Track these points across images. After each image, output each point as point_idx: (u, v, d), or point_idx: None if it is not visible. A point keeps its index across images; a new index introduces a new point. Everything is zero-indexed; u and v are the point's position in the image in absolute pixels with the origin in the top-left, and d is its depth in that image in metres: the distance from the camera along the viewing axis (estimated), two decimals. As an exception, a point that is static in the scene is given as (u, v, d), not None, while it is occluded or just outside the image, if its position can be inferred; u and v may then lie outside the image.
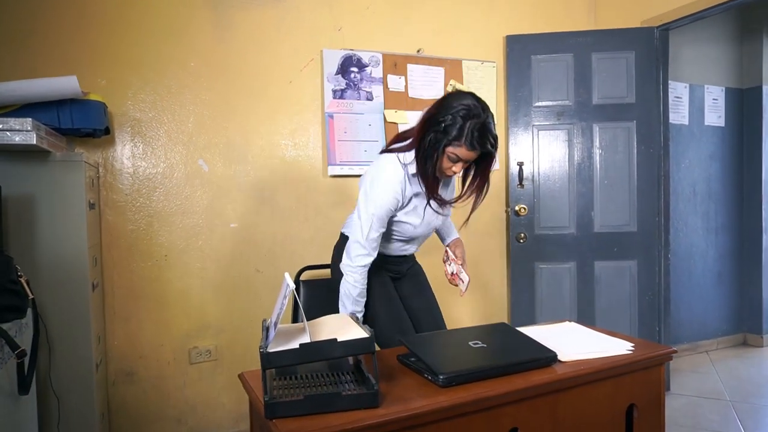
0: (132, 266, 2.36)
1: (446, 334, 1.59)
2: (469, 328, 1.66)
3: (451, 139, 1.54)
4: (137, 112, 2.36)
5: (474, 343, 1.46)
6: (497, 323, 1.72)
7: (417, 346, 1.45)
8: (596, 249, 2.98)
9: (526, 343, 1.49)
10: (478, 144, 1.54)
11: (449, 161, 1.60)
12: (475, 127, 1.53)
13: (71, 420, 1.88)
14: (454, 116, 1.53)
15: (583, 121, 2.96)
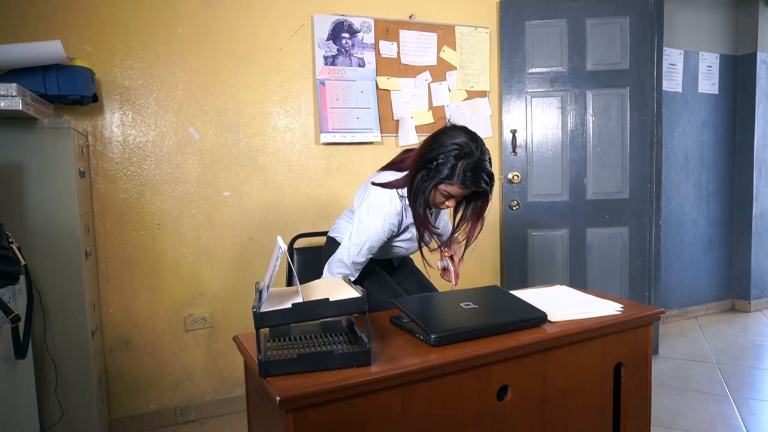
0: (125, 235, 2.36)
1: (438, 296, 1.61)
2: (460, 291, 1.67)
3: (442, 178, 1.54)
4: (125, 80, 2.33)
5: (465, 305, 1.48)
6: (489, 286, 1.74)
7: (409, 307, 1.47)
8: (588, 216, 3.00)
9: (516, 304, 1.52)
10: (471, 183, 1.54)
11: (441, 197, 1.61)
12: (467, 167, 1.52)
13: (69, 385, 1.90)
14: (446, 156, 1.53)
15: (576, 88, 2.94)
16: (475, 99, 2.96)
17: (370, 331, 1.28)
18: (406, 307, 1.47)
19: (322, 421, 1.12)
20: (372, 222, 1.64)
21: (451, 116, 2.92)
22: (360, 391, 1.16)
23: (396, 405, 1.21)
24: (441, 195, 1.60)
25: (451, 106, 2.92)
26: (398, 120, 2.81)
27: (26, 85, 1.80)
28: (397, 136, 2.82)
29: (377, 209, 1.63)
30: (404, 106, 2.82)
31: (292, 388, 1.11)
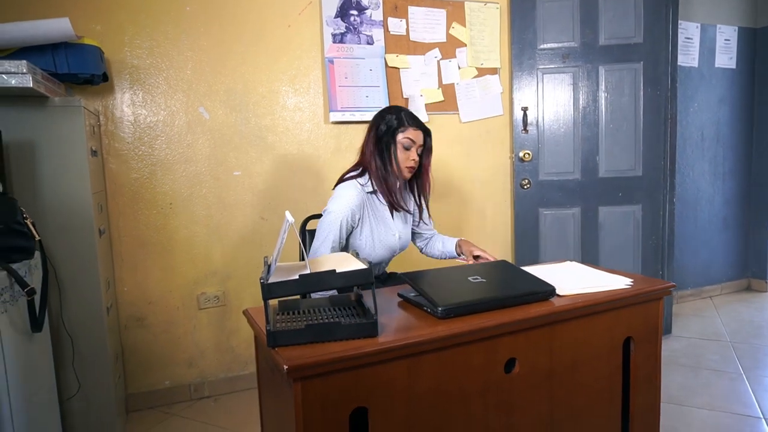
0: (137, 214, 2.39)
1: (446, 271, 1.61)
2: (469, 266, 1.67)
3: (396, 128, 1.79)
4: (135, 59, 2.34)
5: (473, 279, 1.47)
6: (497, 261, 1.74)
7: (417, 280, 1.47)
8: (601, 194, 2.96)
9: (525, 278, 1.51)
10: (415, 122, 1.82)
11: (404, 150, 1.80)
12: (405, 113, 1.83)
13: (85, 359, 1.94)
14: (388, 116, 1.82)
15: (588, 63, 2.89)
16: (485, 76, 2.93)
17: (376, 303, 1.29)
18: (414, 280, 1.48)
19: (329, 390, 1.13)
20: (335, 204, 1.78)
21: (461, 94, 2.89)
22: (367, 362, 1.17)
23: (402, 376, 1.22)
24: (403, 147, 1.80)
25: (460, 84, 2.89)
26: (407, 98, 2.79)
27: (36, 64, 1.81)
28: (406, 114, 2.80)
29: (339, 194, 1.81)
30: (413, 84, 2.79)
31: (299, 357, 1.12)
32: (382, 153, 1.81)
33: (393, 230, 1.91)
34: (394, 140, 1.81)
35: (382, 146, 1.81)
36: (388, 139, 1.80)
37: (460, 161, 2.95)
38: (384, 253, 1.89)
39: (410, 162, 1.81)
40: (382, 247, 1.88)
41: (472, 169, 2.97)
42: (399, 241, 1.93)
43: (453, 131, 2.91)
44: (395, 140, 1.81)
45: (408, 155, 1.81)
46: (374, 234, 1.85)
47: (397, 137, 1.80)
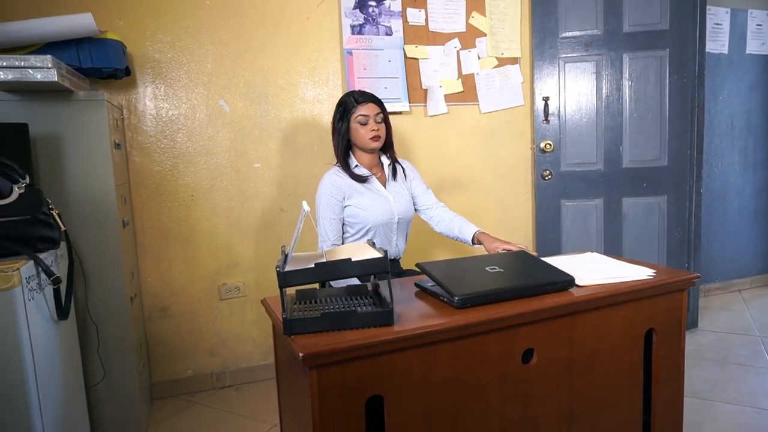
0: (160, 206, 2.43)
1: (464, 261, 1.60)
2: (487, 256, 1.66)
3: (347, 111, 1.92)
4: (156, 53, 2.37)
5: (491, 269, 1.46)
6: (516, 251, 1.72)
7: (434, 270, 1.47)
8: (624, 185, 2.91)
9: (543, 268, 1.49)
10: (365, 97, 1.92)
11: (360, 126, 1.91)
12: (354, 93, 1.95)
13: (110, 347, 1.99)
14: (341, 101, 1.96)
15: (612, 51, 2.83)
16: (505, 66, 2.89)
17: (392, 292, 1.29)
18: (430, 270, 1.47)
19: (344, 378, 1.14)
20: (319, 193, 1.93)
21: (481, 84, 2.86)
22: (382, 350, 1.17)
23: (418, 365, 1.21)
24: (359, 124, 1.90)
25: (480, 74, 2.85)
26: (427, 89, 2.77)
27: (61, 59, 1.85)
28: (425, 105, 2.79)
29: (321, 182, 1.95)
30: (433, 75, 2.77)
31: (315, 345, 1.12)
32: (339, 135, 1.95)
33: (385, 195, 1.97)
34: (348, 122, 1.93)
35: (341, 130, 1.94)
36: (344, 123, 1.93)
37: (480, 152, 2.92)
38: (382, 216, 1.94)
39: (371, 133, 1.90)
40: (377, 209, 1.93)
41: (492, 160, 2.94)
42: (395, 203, 1.97)
43: (473, 122, 2.88)
44: (350, 121, 1.92)
45: (367, 128, 1.91)
46: (365, 200, 1.93)
47: (351, 117, 1.92)
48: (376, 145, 1.93)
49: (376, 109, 1.93)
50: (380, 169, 2.04)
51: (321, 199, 1.92)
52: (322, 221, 1.90)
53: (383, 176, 2.03)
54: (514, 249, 1.82)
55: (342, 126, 1.93)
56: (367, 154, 1.98)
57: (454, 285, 1.34)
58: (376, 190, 1.97)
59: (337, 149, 1.97)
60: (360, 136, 1.92)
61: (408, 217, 2.04)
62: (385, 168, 2.03)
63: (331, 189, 1.91)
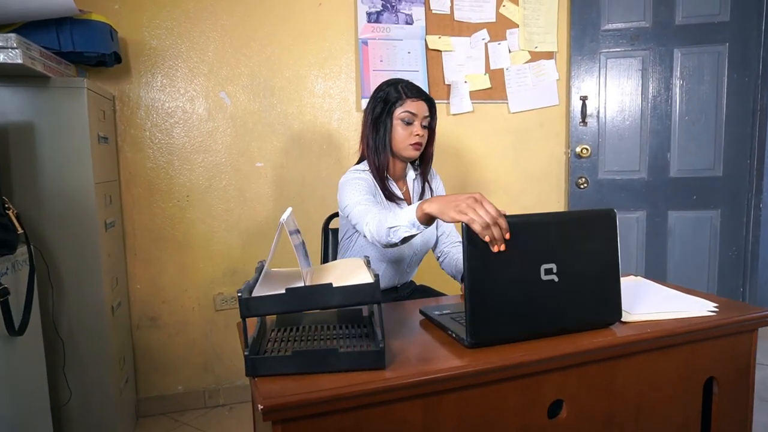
0: (152, 206, 2.23)
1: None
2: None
3: (393, 102, 1.55)
4: (153, 39, 2.18)
5: (547, 274, 1.10)
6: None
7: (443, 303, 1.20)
8: (671, 196, 2.58)
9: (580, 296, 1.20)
10: (417, 92, 1.56)
11: (405, 125, 1.55)
12: (404, 84, 1.57)
13: (85, 361, 1.79)
14: (382, 92, 1.58)
15: (661, 46, 2.52)
16: (539, 61, 2.61)
17: (384, 327, 1.04)
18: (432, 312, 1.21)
19: (319, 436, 0.90)
20: (346, 180, 1.55)
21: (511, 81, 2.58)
22: (368, 401, 0.92)
23: (416, 419, 0.96)
24: (403, 123, 1.55)
25: (511, 70, 2.58)
26: (450, 85, 2.51)
27: (39, 41, 1.67)
28: (448, 103, 2.52)
29: (344, 183, 1.55)
30: (457, 69, 2.51)
31: (282, 393, 0.89)
32: (377, 133, 1.57)
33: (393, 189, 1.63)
34: (390, 117, 1.56)
35: (379, 126, 1.57)
36: (385, 118, 1.56)
37: (508, 156, 2.64)
38: (400, 252, 1.63)
39: (414, 138, 1.55)
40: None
41: (522, 165, 2.66)
42: (417, 237, 1.60)
43: (500, 122, 2.61)
44: (392, 117, 1.56)
45: (410, 130, 1.55)
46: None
47: (395, 113, 1.56)
48: (414, 155, 1.58)
49: (426, 111, 1.57)
50: (404, 183, 1.69)
51: (349, 184, 1.51)
52: (356, 207, 1.44)
53: (407, 192, 1.68)
54: None
55: (385, 122, 1.55)
56: (398, 162, 1.63)
57: (468, 318, 1.07)
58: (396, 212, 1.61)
59: (374, 152, 1.57)
60: (399, 139, 1.56)
61: (426, 249, 1.72)
62: (410, 184, 1.69)
63: (365, 184, 1.51)
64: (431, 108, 1.59)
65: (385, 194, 1.58)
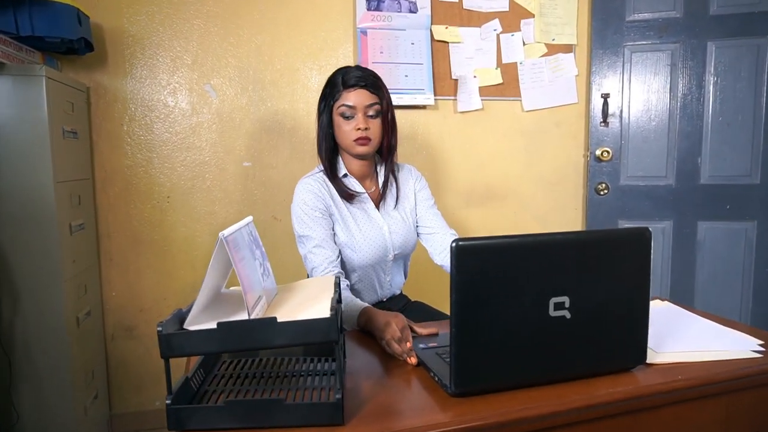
0: (130, 207, 2.06)
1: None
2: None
3: (331, 96, 1.40)
4: (132, 26, 2.00)
5: (557, 309, 0.89)
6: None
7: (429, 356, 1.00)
8: (701, 205, 2.33)
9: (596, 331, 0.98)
10: (355, 80, 1.37)
11: (345, 120, 1.38)
12: (342, 72, 1.41)
13: (39, 379, 1.62)
14: (327, 82, 1.43)
15: (693, 39, 2.27)
16: (556, 55, 2.38)
17: (343, 375, 0.84)
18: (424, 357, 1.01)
19: None
20: (295, 204, 1.42)
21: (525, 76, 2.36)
22: (318, 470, 0.73)
23: (381, 490, 0.77)
24: (343, 120, 1.38)
25: (525, 64, 2.35)
26: (457, 79, 2.29)
27: (-4, 25, 1.51)
28: (455, 99, 2.31)
29: (297, 189, 1.44)
30: (466, 63, 2.29)
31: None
32: (321, 132, 1.44)
33: (377, 223, 1.45)
34: (331, 114, 1.40)
35: (322, 123, 1.43)
36: (327, 114, 1.41)
37: (520, 158, 2.42)
38: (372, 253, 1.43)
39: (357, 133, 1.37)
40: (366, 245, 1.41)
41: (535, 167, 2.43)
42: (390, 235, 1.46)
43: (513, 121, 2.38)
44: (332, 113, 1.40)
45: (352, 124, 1.37)
46: (352, 229, 1.42)
47: (334, 108, 1.39)
48: (363, 150, 1.39)
49: (369, 99, 1.37)
50: (375, 182, 1.51)
51: (298, 212, 1.40)
52: (306, 248, 1.37)
53: (376, 192, 1.50)
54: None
55: (323, 118, 1.41)
56: (354, 161, 1.45)
57: (454, 362, 0.86)
58: (368, 214, 1.45)
59: (321, 151, 1.44)
60: (342, 135, 1.39)
61: (407, 249, 1.52)
62: (380, 182, 1.50)
63: (313, 199, 1.39)
64: (377, 92, 1.39)
65: (342, 194, 1.43)
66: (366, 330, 1.19)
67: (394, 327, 1.07)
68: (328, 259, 1.35)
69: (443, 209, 1.59)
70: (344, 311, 1.25)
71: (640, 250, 0.93)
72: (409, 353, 1.02)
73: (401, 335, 1.06)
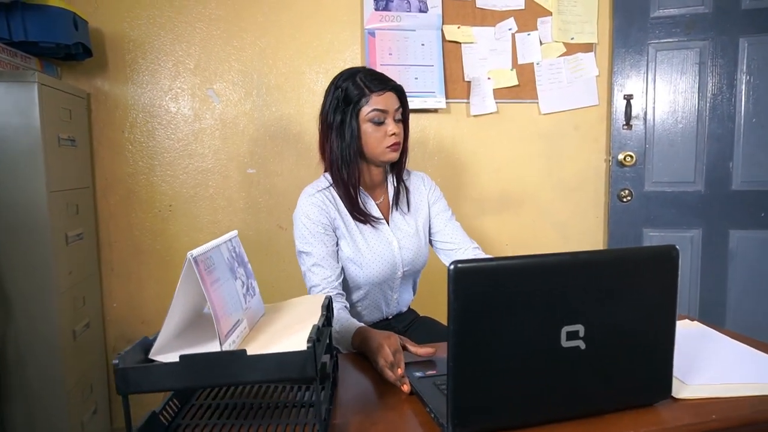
0: (131, 216, 2.01)
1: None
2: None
3: (357, 101, 1.27)
4: (133, 31, 1.95)
5: (570, 338, 0.79)
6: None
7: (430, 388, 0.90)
8: (733, 213, 2.18)
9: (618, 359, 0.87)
10: (381, 82, 1.28)
11: (375, 126, 1.28)
12: (360, 75, 1.29)
13: (32, 394, 1.57)
14: (339, 87, 1.29)
15: (724, 35, 2.13)
16: (576, 54, 2.25)
17: (329, 408, 0.74)
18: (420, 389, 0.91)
19: None
20: (298, 216, 1.33)
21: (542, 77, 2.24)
22: None
23: None
24: (373, 124, 1.27)
25: (542, 64, 2.23)
26: (470, 81, 2.19)
27: (-12, 30, 1.46)
28: (468, 102, 2.21)
29: (295, 217, 1.35)
30: (479, 64, 2.19)
31: None
32: (343, 141, 1.29)
33: (387, 237, 1.36)
34: (357, 120, 1.28)
35: (344, 132, 1.29)
36: (350, 122, 1.27)
37: (538, 163, 2.30)
38: (381, 271, 1.33)
39: (390, 139, 1.29)
40: (376, 261, 1.32)
41: (554, 173, 2.31)
42: (400, 252, 1.36)
43: (530, 125, 2.27)
44: (359, 119, 1.28)
45: (384, 130, 1.28)
46: (359, 244, 1.32)
47: (361, 114, 1.28)
48: (394, 156, 1.31)
49: (396, 102, 1.30)
50: (384, 191, 1.42)
51: (299, 227, 1.31)
52: (306, 266, 1.29)
53: (385, 202, 1.41)
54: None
55: (350, 124, 1.27)
56: (374, 169, 1.36)
57: (452, 392, 0.76)
58: (377, 228, 1.35)
59: (342, 163, 1.29)
60: (373, 142, 1.28)
61: (418, 266, 1.41)
62: (390, 191, 1.42)
63: (317, 213, 1.29)
64: (401, 96, 1.33)
65: (356, 215, 1.32)
66: (361, 351, 1.10)
67: (387, 351, 0.97)
68: (326, 279, 1.27)
69: (457, 218, 1.49)
70: (339, 333, 1.16)
71: (666, 272, 0.82)
72: (401, 381, 0.92)
73: (394, 359, 0.96)
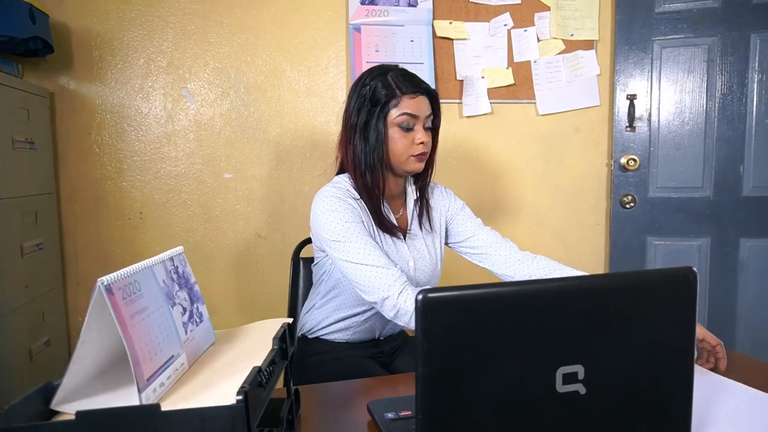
0: (99, 225, 1.87)
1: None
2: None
3: (386, 102, 1.16)
4: (100, 25, 1.82)
5: (567, 382, 0.67)
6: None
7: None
8: (744, 220, 2.05)
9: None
10: (414, 84, 1.17)
11: (403, 132, 1.17)
12: (392, 74, 1.18)
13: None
14: (367, 84, 1.18)
15: (734, 31, 2.00)
16: (575, 52, 2.12)
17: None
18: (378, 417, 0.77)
19: None
20: (323, 209, 1.15)
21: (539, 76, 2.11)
22: None
23: None
24: (401, 129, 1.16)
25: (540, 62, 2.10)
26: (463, 80, 2.06)
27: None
28: (460, 102, 2.07)
29: (320, 210, 1.16)
30: (473, 62, 2.06)
31: None
32: (367, 144, 1.17)
33: (404, 255, 1.23)
34: (384, 123, 1.16)
35: (368, 135, 1.16)
36: (376, 124, 1.16)
37: (536, 167, 2.17)
38: None
39: (418, 147, 1.17)
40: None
41: (553, 178, 2.18)
42: (415, 273, 1.23)
43: (526, 127, 2.14)
44: (386, 122, 1.16)
45: (412, 137, 1.17)
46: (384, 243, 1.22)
47: (389, 116, 1.16)
48: (419, 167, 1.20)
49: (428, 107, 1.19)
50: (403, 204, 1.30)
51: (333, 224, 1.12)
52: (366, 259, 1.08)
53: (404, 216, 1.29)
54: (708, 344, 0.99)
55: (376, 127, 1.15)
56: (395, 178, 1.24)
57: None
58: (395, 245, 1.22)
59: (366, 168, 1.17)
60: (398, 150, 1.17)
61: (435, 280, 1.30)
62: (409, 206, 1.29)
63: (350, 213, 1.14)
64: (433, 102, 1.22)
65: (379, 223, 1.19)
66: None
67: None
68: (395, 276, 1.08)
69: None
70: None
71: (682, 300, 0.68)
72: None
73: None
